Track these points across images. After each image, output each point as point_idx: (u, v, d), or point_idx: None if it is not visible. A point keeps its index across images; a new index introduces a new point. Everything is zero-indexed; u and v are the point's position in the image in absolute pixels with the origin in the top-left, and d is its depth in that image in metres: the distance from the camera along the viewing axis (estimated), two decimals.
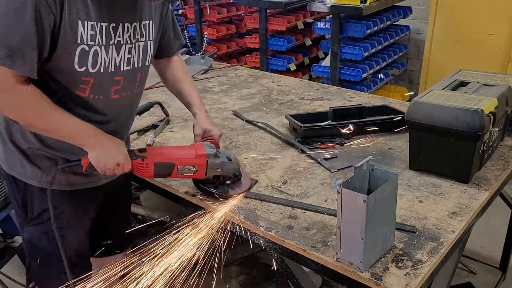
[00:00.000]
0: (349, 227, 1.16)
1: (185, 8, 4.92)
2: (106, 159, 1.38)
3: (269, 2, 3.92)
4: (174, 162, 1.46)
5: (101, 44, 1.33)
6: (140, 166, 1.43)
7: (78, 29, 1.27)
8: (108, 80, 1.40)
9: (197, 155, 1.48)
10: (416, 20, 4.71)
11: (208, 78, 2.83)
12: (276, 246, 1.37)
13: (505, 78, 1.80)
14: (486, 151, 1.64)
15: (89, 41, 1.30)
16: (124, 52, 1.40)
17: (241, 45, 4.73)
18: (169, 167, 1.46)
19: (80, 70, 1.32)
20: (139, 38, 1.44)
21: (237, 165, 1.57)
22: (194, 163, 1.47)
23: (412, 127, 1.64)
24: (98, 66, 1.35)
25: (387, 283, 1.15)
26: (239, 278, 2.65)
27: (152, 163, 1.44)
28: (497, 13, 3.80)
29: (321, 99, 2.41)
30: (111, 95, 1.43)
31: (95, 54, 1.33)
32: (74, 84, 1.35)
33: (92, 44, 1.31)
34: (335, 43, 3.73)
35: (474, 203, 1.48)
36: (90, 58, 1.32)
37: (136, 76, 1.49)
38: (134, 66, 1.46)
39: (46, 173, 1.46)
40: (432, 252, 1.26)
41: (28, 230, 1.54)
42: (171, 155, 1.47)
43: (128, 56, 1.42)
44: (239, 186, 1.58)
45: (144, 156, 1.44)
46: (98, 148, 1.38)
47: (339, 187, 1.14)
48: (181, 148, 1.56)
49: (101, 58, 1.34)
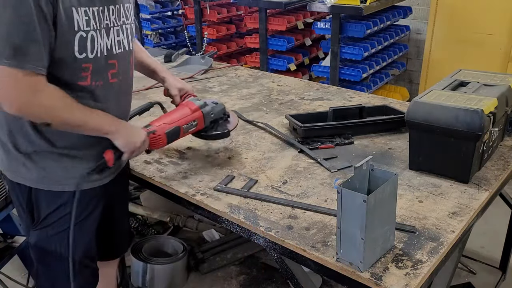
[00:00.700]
0: (349, 227, 1.16)
1: (185, 8, 4.92)
2: (133, 138, 1.48)
3: (269, 2, 3.92)
4: (179, 125, 1.62)
5: (96, 28, 1.36)
6: (154, 139, 1.56)
7: (74, 16, 1.30)
8: (104, 64, 1.42)
9: (192, 111, 1.65)
10: (416, 20, 4.71)
11: (208, 78, 2.83)
12: (276, 246, 1.37)
13: (505, 78, 1.80)
14: (486, 151, 1.64)
15: (85, 27, 1.33)
16: (114, 35, 1.44)
17: (241, 45, 4.73)
18: (177, 131, 1.62)
19: (81, 57, 1.35)
20: (125, 20, 1.49)
21: (223, 105, 1.77)
22: (193, 118, 1.65)
23: (412, 127, 1.64)
24: (95, 51, 1.38)
25: (387, 283, 1.15)
26: (239, 278, 2.65)
27: (163, 133, 1.58)
28: (497, 13, 3.80)
29: (321, 99, 2.41)
30: (109, 80, 1.45)
31: (92, 39, 1.36)
32: (75, 73, 1.37)
33: (88, 29, 1.34)
34: (335, 43, 3.73)
35: (474, 203, 1.48)
36: (89, 44, 1.35)
37: (129, 59, 1.54)
38: (125, 48, 1.50)
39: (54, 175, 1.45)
40: (432, 252, 1.26)
41: (35, 233, 1.52)
42: (173, 120, 1.62)
43: (118, 39, 1.46)
44: (230, 122, 1.79)
45: (154, 130, 1.56)
46: (122, 131, 1.46)
47: (339, 187, 1.14)
48: (176, 111, 1.69)
49: (97, 43, 1.38)
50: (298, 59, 4.41)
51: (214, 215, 1.53)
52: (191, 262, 2.68)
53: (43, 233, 1.51)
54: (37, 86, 1.28)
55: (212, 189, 1.60)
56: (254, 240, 1.43)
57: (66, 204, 1.47)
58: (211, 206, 1.52)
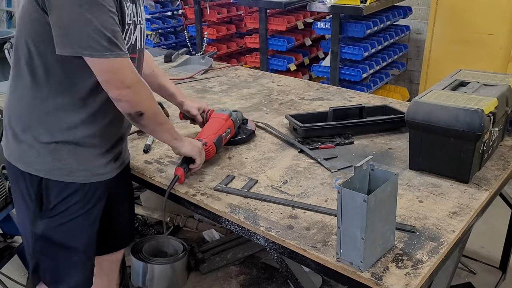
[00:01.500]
0: (349, 227, 1.16)
1: (185, 8, 4.92)
2: (195, 143, 1.64)
3: (269, 2, 3.92)
4: (220, 133, 1.78)
5: (135, 23, 1.49)
6: (207, 150, 1.71)
7: (125, 9, 1.40)
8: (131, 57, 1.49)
9: (225, 120, 1.83)
10: (416, 20, 4.71)
11: (208, 78, 2.83)
12: (276, 246, 1.37)
13: (505, 78, 1.80)
14: (486, 151, 1.64)
15: (129, 20, 1.45)
16: (138, 32, 1.53)
17: (241, 45, 4.73)
18: (220, 139, 1.78)
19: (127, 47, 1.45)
20: (140, 20, 1.56)
21: (241, 112, 1.97)
22: (227, 126, 1.83)
23: (412, 127, 1.64)
24: (128, 44, 1.48)
25: (387, 283, 1.15)
26: (239, 278, 2.65)
27: (212, 143, 1.73)
28: (497, 13, 3.80)
29: (321, 99, 2.41)
30: None
31: (131, 32, 1.48)
32: None
33: (131, 22, 1.47)
34: (335, 43, 3.73)
35: (474, 203, 1.48)
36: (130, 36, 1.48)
37: (141, 57, 1.63)
38: (140, 46, 1.59)
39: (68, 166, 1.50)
40: (432, 252, 1.26)
41: (43, 223, 1.53)
42: (215, 130, 1.78)
43: (137, 35, 1.54)
44: (249, 125, 1.99)
45: (205, 142, 1.71)
46: (185, 139, 1.62)
47: (339, 187, 1.14)
48: (212, 124, 1.84)
49: (131, 37, 1.49)
50: (298, 59, 4.41)
51: (214, 215, 1.53)
52: (191, 262, 2.68)
53: (52, 222, 1.53)
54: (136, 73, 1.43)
55: (212, 189, 1.60)
56: (254, 240, 1.43)
57: (75, 194, 1.51)
58: (211, 206, 1.52)
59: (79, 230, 1.57)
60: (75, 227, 1.55)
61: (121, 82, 1.38)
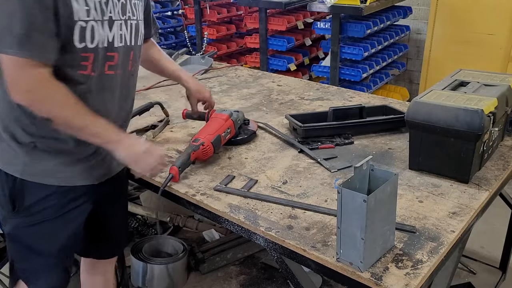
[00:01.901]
0: (349, 227, 1.16)
1: (185, 8, 4.92)
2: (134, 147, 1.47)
3: (269, 2, 3.92)
4: (219, 133, 1.78)
5: (97, 19, 1.37)
6: (204, 150, 1.71)
7: (73, 6, 1.30)
8: (103, 55, 1.42)
9: (225, 120, 1.83)
10: (416, 20, 4.71)
11: (208, 78, 2.83)
12: (276, 246, 1.37)
13: (505, 78, 1.80)
14: (486, 151, 1.64)
15: (85, 17, 1.33)
16: (117, 28, 1.44)
17: (241, 45, 4.73)
18: (218, 139, 1.77)
19: (80, 46, 1.34)
20: (131, 16, 1.49)
21: (243, 112, 1.97)
22: (227, 126, 1.83)
23: (412, 127, 1.64)
24: (96, 42, 1.38)
25: (387, 283, 1.15)
26: (239, 278, 2.65)
27: (209, 143, 1.72)
28: (497, 13, 3.80)
29: (321, 99, 2.41)
30: (105, 71, 1.45)
31: (92, 30, 1.36)
32: (75, 62, 1.37)
33: (89, 19, 1.34)
34: (335, 43, 3.73)
35: (474, 203, 1.48)
36: (88, 34, 1.35)
37: (129, 54, 1.52)
38: (127, 43, 1.49)
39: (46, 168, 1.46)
40: (432, 252, 1.26)
41: (13, 221, 1.51)
42: (213, 130, 1.78)
43: (120, 33, 1.45)
44: (251, 126, 1.99)
45: (202, 142, 1.71)
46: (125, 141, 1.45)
47: (339, 187, 1.14)
48: (211, 123, 1.83)
49: (98, 34, 1.37)
50: (298, 59, 4.41)
51: (214, 215, 1.53)
52: (191, 262, 2.68)
53: (22, 223, 1.51)
54: (41, 77, 1.30)
55: (212, 189, 1.60)
56: (254, 240, 1.43)
57: (50, 197, 1.48)
58: (211, 206, 1.52)
59: (49, 234, 1.53)
60: (45, 230, 1.51)
61: (17, 83, 1.30)
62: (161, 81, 2.60)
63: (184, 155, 1.66)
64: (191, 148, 1.69)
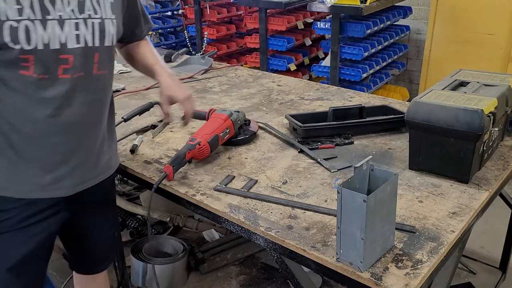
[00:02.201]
0: (349, 227, 1.16)
1: (185, 8, 4.92)
2: None
3: (269, 2, 3.92)
4: (217, 133, 1.78)
5: (33, 19, 1.24)
6: (200, 150, 1.71)
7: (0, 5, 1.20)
8: (53, 58, 1.30)
9: (224, 120, 1.82)
10: (416, 20, 4.71)
11: (208, 78, 2.83)
12: (276, 246, 1.37)
13: (505, 78, 1.80)
14: (486, 151, 1.64)
15: (16, 17, 1.21)
16: (70, 28, 1.31)
17: (241, 45, 4.73)
18: (216, 139, 1.77)
19: (15, 47, 1.24)
20: (91, 14, 1.35)
21: (244, 113, 1.95)
22: (225, 126, 1.82)
23: (412, 127, 1.64)
24: (34, 42, 1.25)
25: (387, 283, 1.15)
26: (239, 278, 2.65)
27: (206, 143, 1.72)
28: (497, 13, 3.80)
29: (321, 99, 2.41)
30: (58, 75, 1.33)
31: (26, 30, 1.23)
32: (14, 64, 1.27)
33: (21, 19, 1.22)
34: (335, 43, 3.73)
35: (474, 203, 1.48)
36: (22, 34, 1.23)
37: (92, 56, 1.38)
38: (87, 44, 1.35)
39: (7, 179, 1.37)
40: (432, 252, 1.26)
41: None
42: (211, 130, 1.77)
43: (77, 33, 1.32)
44: (251, 126, 1.98)
45: (199, 141, 1.71)
46: None
47: (339, 187, 1.14)
48: (210, 123, 1.83)
49: (35, 34, 1.25)
50: (298, 59, 4.42)
51: (214, 215, 1.53)
52: (191, 262, 2.68)
53: None
54: None
55: (212, 189, 1.60)
56: (254, 240, 1.43)
57: (8, 209, 1.39)
58: (211, 206, 1.52)
59: (4, 248, 1.42)
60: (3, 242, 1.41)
61: None
62: None
63: (180, 154, 1.66)
64: (187, 147, 1.69)
